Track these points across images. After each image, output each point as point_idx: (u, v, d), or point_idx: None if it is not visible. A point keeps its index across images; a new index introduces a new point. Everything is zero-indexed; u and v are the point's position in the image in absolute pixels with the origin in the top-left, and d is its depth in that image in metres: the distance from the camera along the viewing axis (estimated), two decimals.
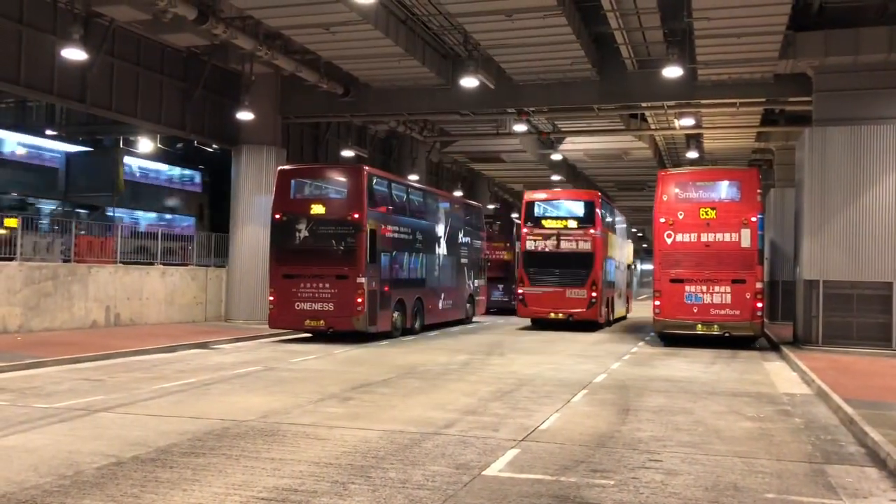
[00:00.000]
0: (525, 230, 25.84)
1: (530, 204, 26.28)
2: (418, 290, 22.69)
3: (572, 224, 25.47)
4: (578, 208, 25.99)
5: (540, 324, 25.57)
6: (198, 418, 9.42)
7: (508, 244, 33.83)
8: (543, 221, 25.80)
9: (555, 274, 24.86)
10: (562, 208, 26.58)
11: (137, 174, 28.33)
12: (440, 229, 24.83)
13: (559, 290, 24.73)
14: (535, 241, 25.33)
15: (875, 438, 8.31)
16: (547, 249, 25.09)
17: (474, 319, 28.55)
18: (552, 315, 24.87)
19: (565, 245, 25.00)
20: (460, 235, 26.84)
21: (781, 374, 14.94)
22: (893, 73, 18.86)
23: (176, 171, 30.25)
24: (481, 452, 7.89)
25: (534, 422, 9.54)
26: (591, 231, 25.08)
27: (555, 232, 25.29)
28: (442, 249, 24.74)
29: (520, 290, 25.53)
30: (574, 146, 35.26)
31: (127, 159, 28.05)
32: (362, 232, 19.06)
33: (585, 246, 24.91)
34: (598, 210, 25.49)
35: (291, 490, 6.46)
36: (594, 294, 24.46)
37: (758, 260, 19.42)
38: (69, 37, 17.27)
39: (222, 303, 25.14)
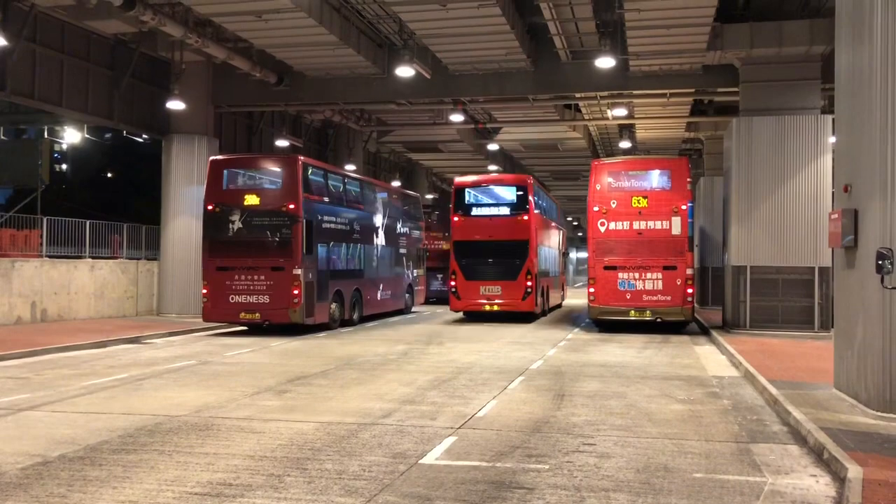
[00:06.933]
0: (455, 219, 24.23)
1: (460, 191, 24.50)
2: (356, 280, 22.57)
3: (504, 211, 23.99)
4: (510, 194, 24.47)
5: (474, 316, 24.61)
6: (129, 414, 9.21)
7: (447, 234, 33.84)
8: (474, 209, 24.42)
9: (488, 264, 23.54)
10: (492, 194, 24.81)
11: None
12: (378, 219, 24.72)
13: (493, 282, 23.42)
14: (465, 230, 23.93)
15: (797, 417, 8.64)
16: (478, 238, 23.56)
17: (413, 309, 28.56)
18: (486, 307, 23.71)
19: (497, 234, 23.49)
20: (398, 225, 26.78)
21: (711, 358, 15.38)
22: (814, 65, 19.52)
23: None
24: (418, 441, 7.92)
25: (471, 409, 9.61)
26: (524, 218, 23.80)
27: (486, 220, 23.91)
28: (380, 240, 24.64)
29: (452, 283, 23.97)
30: (510, 136, 35.50)
31: None
32: (298, 223, 18.83)
33: (519, 234, 23.37)
34: (531, 196, 24.09)
35: (226, 484, 6.38)
36: (529, 284, 23.34)
37: (688, 247, 19.92)
38: None
39: (154, 296, 24.57)
